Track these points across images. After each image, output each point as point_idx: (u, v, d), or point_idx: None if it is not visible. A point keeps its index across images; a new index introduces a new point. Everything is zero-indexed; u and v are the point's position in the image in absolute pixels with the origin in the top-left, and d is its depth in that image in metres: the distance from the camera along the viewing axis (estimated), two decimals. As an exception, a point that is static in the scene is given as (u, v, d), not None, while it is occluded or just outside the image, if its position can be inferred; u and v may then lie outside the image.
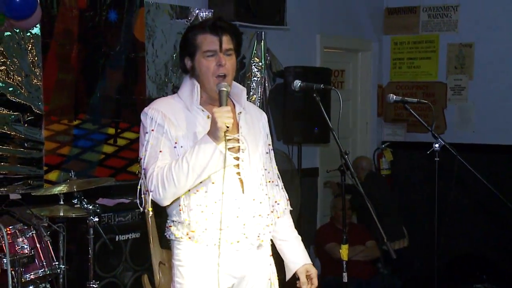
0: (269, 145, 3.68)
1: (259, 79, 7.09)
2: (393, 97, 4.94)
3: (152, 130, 3.33)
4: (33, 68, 5.55)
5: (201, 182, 3.25)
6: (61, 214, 4.81)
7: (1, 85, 5.38)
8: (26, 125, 5.53)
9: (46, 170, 5.65)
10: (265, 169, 3.54)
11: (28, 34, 5.50)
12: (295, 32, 7.44)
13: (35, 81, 5.57)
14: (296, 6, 7.39)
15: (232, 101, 3.48)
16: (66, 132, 5.80)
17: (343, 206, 4.68)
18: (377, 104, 8.79)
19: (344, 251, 4.25)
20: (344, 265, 4.27)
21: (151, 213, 3.57)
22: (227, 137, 3.20)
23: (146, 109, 3.41)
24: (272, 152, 3.72)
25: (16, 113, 5.47)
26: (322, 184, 8.06)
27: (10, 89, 5.43)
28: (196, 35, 3.36)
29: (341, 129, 7.36)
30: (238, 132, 3.41)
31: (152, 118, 3.34)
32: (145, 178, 3.33)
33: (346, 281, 4.30)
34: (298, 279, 3.73)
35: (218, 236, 3.26)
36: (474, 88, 8.17)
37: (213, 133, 3.12)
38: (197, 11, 6.64)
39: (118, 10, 6.07)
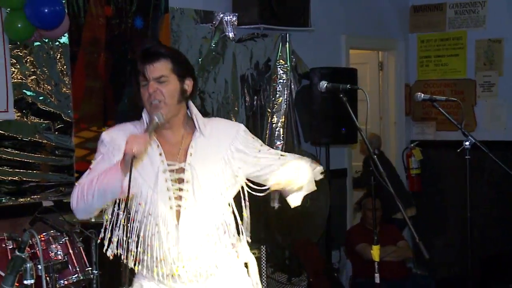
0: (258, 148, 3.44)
1: (285, 81, 7.12)
2: (421, 95, 4.95)
3: (100, 153, 3.38)
4: (62, 77, 5.61)
5: (136, 212, 3.25)
6: (93, 220, 4.83)
7: (31, 94, 5.44)
8: (56, 133, 5.58)
9: (77, 177, 5.58)
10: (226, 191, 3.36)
11: (57, 43, 5.56)
12: (320, 33, 7.45)
13: (64, 89, 5.62)
14: (321, 7, 7.40)
15: (196, 125, 3.34)
16: (96, 139, 5.82)
17: (373, 206, 4.73)
18: (404, 103, 8.79)
19: (375, 252, 4.27)
20: (376, 266, 4.29)
21: None
22: (170, 167, 3.24)
23: (103, 132, 3.45)
24: (260, 152, 3.43)
25: (46, 121, 5.53)
26: (351, 184, 8.09)
27: (41, 98, 5.49)
28: (137, 63, 3.28)
29: (369, 129, 7.46)
30: (185, 161, 3.28)
31: (102, 142, 3.40)
32: None
33: (378, 282, 4.33)
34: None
35: (153, 268, 3.28)
36: (504, 84, 8.13)
37: (124, 157, 3.04)
38: (221, 15, 6.66)
39: (143, 16, 6.11)
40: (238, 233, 3.47)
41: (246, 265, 3.54)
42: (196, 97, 3.36)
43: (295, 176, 3.26)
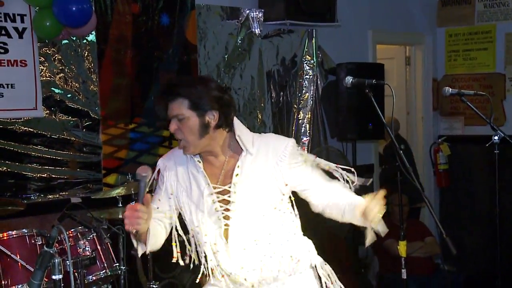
0: (296, 163, 3.41)
1: (311, 77, 7.13)
2: (449, 90, 4.95)
3: (155, 179, 3.51)
4: (89, 74, 5.64)
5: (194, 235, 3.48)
6: (120, 216, 4.83)
7: (60, 92, 5.49)
8: (84, 130, 5.62)
9: (104, 174, 5.74)
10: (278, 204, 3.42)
11: (84, 41, 5.60)
12: (346, 29, 7.44)
13: (92, 87, 5.66)
14: (347, 2, 7.39)
15: (240, 145, 3.36)
16: (123, 136, 5.88)
17: (400, 201, 4.75)
18: (432, 98, 8.77)
19: (402, 248, 4.29)
20: (403, 262, 4.32)
21: None
22: (216, 189, 3.33)
23: (161, 159, 3.56)
24: (307, 167, 3.45)
25: (74, 118, 5.57)
26: (378, 180, 8.09)
27: (69, 95, 5.53)
28: None
29: (395, 125, 7.45)
30: (230, 182, 3.34)
31: (158, 170, 3.52)
32: None
33: (405, 277, 4.36)
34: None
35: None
36: (534, 79, 8.14)
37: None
38: (247, 11, 6.67)
39: (170, 13, 6.12)
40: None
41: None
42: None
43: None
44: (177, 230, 3.53)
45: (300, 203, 3.57)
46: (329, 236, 6.90)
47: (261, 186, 3.33)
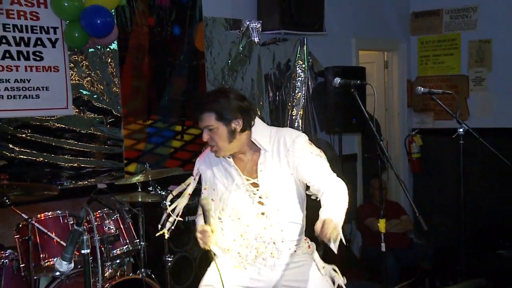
0: (310, 153, 3.53)
1: (303, 78, 7.12)
2: (421, 89, 4.94)
3: (193, 175, 3.71)
4: (112, 78, 5.65)
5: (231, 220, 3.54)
6: (139, 199, 4.87)
7: (87, 93, 5.49)
8: (108, 126, 5.63)
9: (126, 163, 5.75)
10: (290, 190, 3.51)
11: (108, 49, 5.60)
12: (333, 37, 7.41)
13: (114, 88, 5.66)
14: (333, 14, 7.35)
15: (257, 145, 3.49)
16: (141, 131, 5.88)
17: (380, 185, 4.74)
18: (406, 96, 8.74)
19: (381, 225, 4.29)
20: (382, 237, 4.31)
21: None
22: (248, 181, 3.46)
23: (198, 159, 3.72)
24: (313, 163, 3.50)
25: (100, 116, 5.58)
26: (361, 167, 8.08)
27: (95, 96, 5.54)
28: None
29: (376, 119, 7.44)
30: (257, 176, 3.47)
31: (196, 169, 3.70)
32: None
33: (384, 250, 4.35)
34: None
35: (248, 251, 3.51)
36: (493, 79, 8.06)
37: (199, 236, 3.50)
38: (247, 22, 6.66)
39: (181, 25, 6.11)
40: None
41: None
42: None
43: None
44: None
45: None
46: (319, 215, 6.91)
47: (279, 178, 3.44)
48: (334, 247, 3.28)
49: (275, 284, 3.51)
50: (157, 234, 3.72)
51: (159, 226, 3.81)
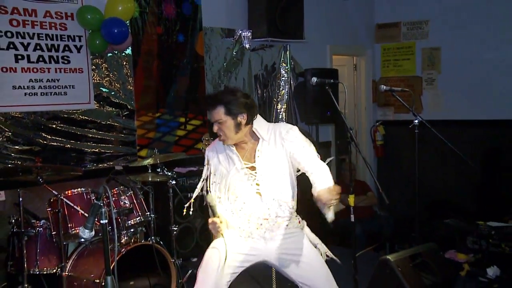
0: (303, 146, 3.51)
1: (286, 78, 7.08)
2: (383, 87, 4.94)
3: (206, 164, 3.57)
4: (127, 78, 5.64)
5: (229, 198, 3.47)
6: (150, 179, 4.87)
7: (106, 90, 5.50)
8: (123, 118, 5.64)
9: (138, 149, 5.76)
10: (285, 173, 3.47)
11: (123, 54, 5.60)
12: (311, 44, 7.40)
13: (129, 87, 5.66)
14: (311, 25, 7.34)
15: (257, 134, 3.46)
16: (151, 122, 5.88)
17: (349, 167, 4.73)
18: (372, 94, 8.75)
19: (351, 200, 4.27)
20: (351, 210, 4.31)
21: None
22: (246, 165, 3.40)
23: (207, 149, 3.62)
24: (304, 149, 3.50)
25: (116, 109, 5.59)
26: (335, 152, 8.08)
27: (112, 93, 5.54)
28: None
29: (346, 113, 7.44)
30: (255, 161, 3.42)
31: (206, 156, 3.58)
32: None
33: (353, 221, 4.35)
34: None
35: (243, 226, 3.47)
36: (442, 80, 8.08)
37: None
38: (240, 31, 6.66)
39: (184, 33, 6.11)
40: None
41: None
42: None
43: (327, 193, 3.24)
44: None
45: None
46: (300, 194, 6.91)
47: (274, 162, 3.41)
48: (330, 216, 3.35)
49: (271, 253, 3.49)
50: (184, 213, 3.68)
51: (185, 207, 3.73)
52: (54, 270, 4.35)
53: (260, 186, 3.40)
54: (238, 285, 3.37)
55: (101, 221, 2.52)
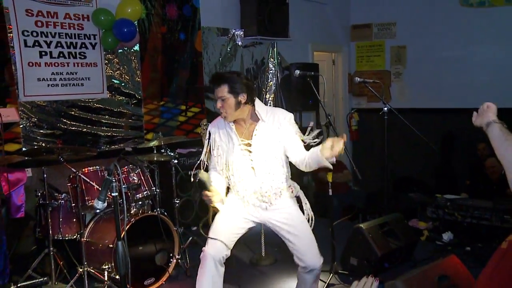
0: (296, 132, 3.43)
1: (273, 71, 7.11)
2: (357, 79, 4.94)
3: (208, 139, 3.48)
4: (135, 71, 5.63)
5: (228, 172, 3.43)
6: (155, 158, 4.85)
7: (117, 82, 5.48)
8: (132, 105, 5.63)
9: (145, 133, 5.75)
10: (279, 154, 3.41)
11: (132, 50, 5.59)
12: (295, 42, 7.39)
13: (137, 78, 5.64)
14: (295, 25, 7.31)
15: (257, 115, 3.38)
16: (156, 109, 5.87)
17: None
18: (348, 85, 8.77)
19: (329, 176, 4.31)
20: (330, 185, 4.34)
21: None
22: (243, 142, 3.35)
23: (210, 124, 3.51)
24: (295, 136, 3.41)
25: (126, 98, 5.58)
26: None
27: (123, 84, 5.53)
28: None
29: (326, 101, 7.46)
30: (251, 139, 3.36)
31: (208, 132, 3.49)
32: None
33: (331, 194, 4.38)
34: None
35: (242, 196, 3.45)
36: (407, 74, 8.11)
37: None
38: (233, 31, 6.65)
39: (185, 32, 6.09)
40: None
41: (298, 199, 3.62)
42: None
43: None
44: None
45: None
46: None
47: (269, 142, 3.36)
48: (331, 162, 3.23)
49: (266, 220, 3.48)
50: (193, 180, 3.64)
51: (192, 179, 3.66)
52: (74, 236, 4.40)
53: (254, 161, 3.36)
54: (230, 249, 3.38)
55: (112, 194, 2.53)
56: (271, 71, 7.12)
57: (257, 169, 3.38)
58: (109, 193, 2.53)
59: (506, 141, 2.30)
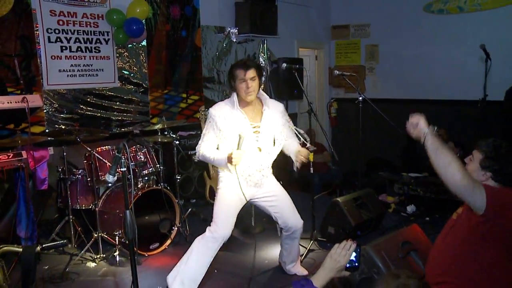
0: (288, 120, 3.52)
1: (263, 65, 7.02)
2: (337, 72, 4.97)
3: (209, 122, 3.34)
4: (143, 63, 5.60)
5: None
6: (159, 140, 4.86)
7: (127, 73, 5.46)
8: (140, 93, 5.61)
9: (151, 117, 5.73)
10: (280, 138, 3.41)
11: (140, 45, 5.56)
12: (283, 39, 7.35)
13: (144, 70, 5.62)
14: (283, 24, 7.28)
15: (261, 101, 3.39)
16: (160, 97, 5.85)
17: (310, 133, 4.77)
18: (328, 77, 8.77)
19: (311, 157, 4.34)
20: (311, 165, 4.37)
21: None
22: (252, 124, 3.29)
23: (211, 109, 3.36)
24: (290, 122, 3.52)
25: (135, 87, 5.56)
26: (300, 121, 8.12)
27: (132, 75, 5.50)
28: (236, 69, 3.30)
29: (309, 91, 7.45)
30: (260, 121, 3.33)
31: (210, 116, 3.33)
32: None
33: (312, 172, 4.41)
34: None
35: (248, 174, 3.39)
36: (380, 68, 8.07)
37: (228, 161, 3.19)
38: (229, 28, 6.53)
39: (186, 29, 6.05)
40: None
41: None
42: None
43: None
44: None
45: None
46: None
47: (274, 125, 3.38)
48: (298, 165, 3.47)
49: (254, 195, 3.47)
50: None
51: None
52: (90, 206, 4.42)
53: (259, 142, 3.34)
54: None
55: (121, 169, 2.52)
56: (262, 65, 7.08)
57: (263, 149, 3.36)
58: (119, 168, 2.52)
59: (438, 151, 2.30)
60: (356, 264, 2.06)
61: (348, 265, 2.04)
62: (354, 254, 2.06)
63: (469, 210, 2.34)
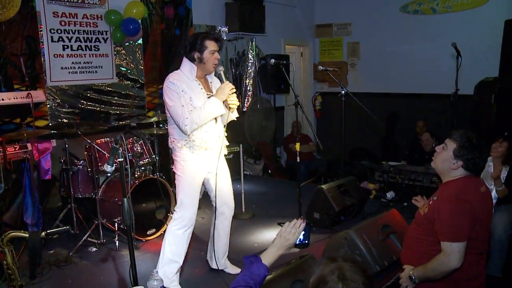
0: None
1: (252, 61, 7.06)
2: (321, 67, 4.94)
3: (174, 91, 3.01)
4: (139, 60, 5.56)
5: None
6: (155, 132, 4.86)
7: (124, 69, 5.42)
8: (136, 88, 5.57)
9: (147, 111, 5.70)
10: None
11: (136, 43, 5.52)
12: (270, 37, 7.33)
13: (140, 67, 5.58)
14: (270, 23, 7.25)
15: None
16: (156, 92, 5.81)
17: (297, 124, 4.77)
18: (313, 72, 8.76)
19: (297, 146, 4.34)
20: (297, 154, 4.37)
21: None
22: (207, 94, 3.10)
23: (170, 78, 3.05)
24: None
25: (132, 83, 5.52)
26: (287, 114, 8.12)
27: (129, 71, 5.46)
28: (206, 40, 3.09)
29: (295, 85, 7.44)
30: (212, 92, 3.15)
31: (173, 84, 3.01)
32: (174, 119, 3.05)
33: (299, 161, 4.41)
34: None
35: (209, 145, 3.18)
36: (361, 64, 8.08)
37: (219, 96, 3.03)
38: (219, 27, 6.58)
39: (180, 28, 6.01)
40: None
41: None
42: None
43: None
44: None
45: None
46: (262, 142, 6.95)
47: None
48: (235, 115, 3.25)
49: (214, 167, 3.25)
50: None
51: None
52: (91, 195, 4.38)
53: None
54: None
55: (118, 159, 2.48)
56: (250, 61, 7.07)
57: (218, 118, 3.21)
58: (116, 159, 2.49)
59: (429, 277, 2.41)
60: (306, 241, 1.99)
61: (297, 242, 1.98)
62: (303, 232, 2.00)
63: (432, 221, 2.43)
